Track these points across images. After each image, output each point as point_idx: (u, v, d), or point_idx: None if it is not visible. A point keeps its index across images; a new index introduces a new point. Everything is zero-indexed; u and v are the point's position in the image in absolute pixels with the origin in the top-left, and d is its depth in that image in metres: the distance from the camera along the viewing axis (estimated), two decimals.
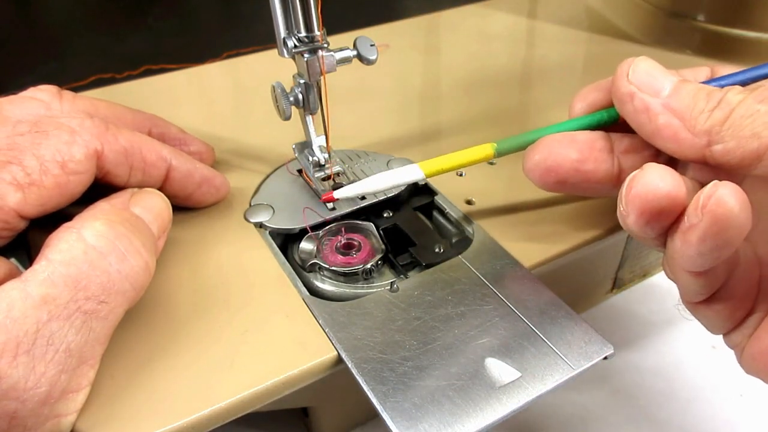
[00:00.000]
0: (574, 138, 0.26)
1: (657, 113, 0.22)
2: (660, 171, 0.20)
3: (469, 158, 0.27)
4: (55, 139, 0.24)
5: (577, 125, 0.27)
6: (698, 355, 0.34)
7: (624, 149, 0.26)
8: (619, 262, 0.36)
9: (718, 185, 0.19)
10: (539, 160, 0.26)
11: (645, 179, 0.20)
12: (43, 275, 0.19)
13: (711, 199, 0.18)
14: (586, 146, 0.26)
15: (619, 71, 0.24)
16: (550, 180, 0.26)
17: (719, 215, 0.18)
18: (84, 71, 0.53)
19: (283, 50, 0.27)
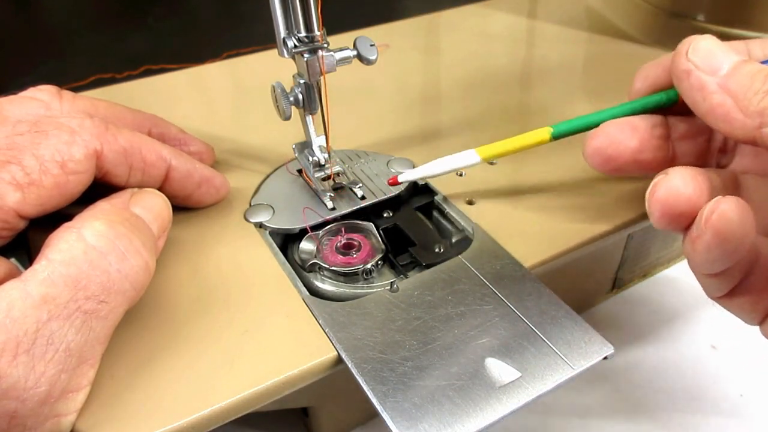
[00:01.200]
0: (635, 125, 0.26)
1: (712, 92, 0.22)
2: (684, 176, 0.21)
3: (526, 142, 0.28)
4: (55, 139, 0.24)
5: (636, 108, 0.27)
6: (698, 355, 0.34)
7: (680, 135, 0.26)
8: (619, 262, 0.36)
9: (720, 201, 0.20)
10: (600, 147, 0.26)
11: (669, 183, 0.21)
12: (43, 275, 0.19)
13: (713, 215, 0.20)
14: (646, 134, 0.26)
15: (680, 48, 0.24)
16: (608, 168, 0.26)
17: (721, 229, 0.20)
18: (84, 71, 0.53)
19: (283, 50, 0.27)
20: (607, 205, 0.30)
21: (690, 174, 0.22)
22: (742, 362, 0.33)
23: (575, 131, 0.27)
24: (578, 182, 0.32)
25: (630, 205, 0.30)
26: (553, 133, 0.27)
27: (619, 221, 0.29)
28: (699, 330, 0.35)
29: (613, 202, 0.30)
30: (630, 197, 0.30)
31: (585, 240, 0.28)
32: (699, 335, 0.35)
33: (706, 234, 0.21)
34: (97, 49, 0.66)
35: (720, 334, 0.35)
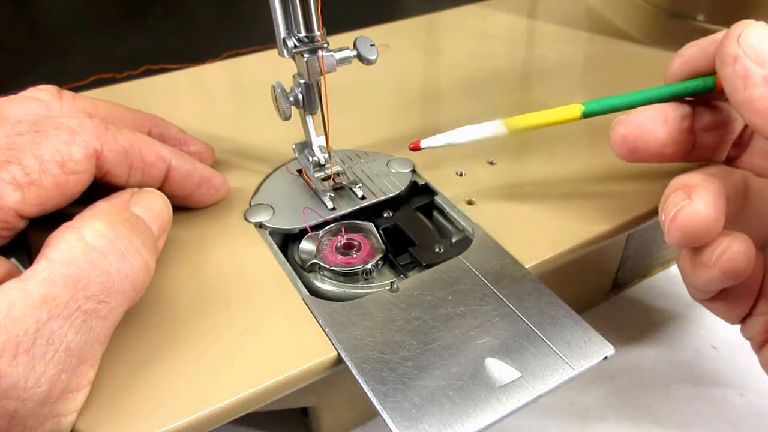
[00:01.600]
0: (666, 117, 0.25)
1: (755, 83, 0.22)
2: (707, 202, 0.22)
3: (555, 118, 0.27)
4: (55, 138, 0.24)
5: (672, 92, 0.26)
6: (698, 355, 0.34)
7: (704, 126, 0.26)
8: (619, 262, 0.36)
9: (733, 241, 0.21)
10: (629, 137, 0.25)
11: (692, 210, 0.22)
12: (43, 275, 0.19)
13: (724, 255, 0.21)
14: (676, 126, 0.25)
15: (732, 30, 0.23)
16: (633, 157, 0.26)
17: (728, 269, 0.21)
18: (84, 71, 0.53)
19: (283, 50, 0.27)
20: (607, 205, 0.30)
21: (712, 200, 0.22)
22: (742, 362, 0.33)
23: (607, 111, 0.27)
24: (578, 182, 0.32)
25: (630, 205, 0.30)
26: (584, 111, 0.26)
27: (619, 221, 0.29)
28: (699, 330, 0.35)
29: (613, 202, 0.30)
30: (630, 197, 0.30)
31: (585, 240, 0.28)
32: (699, 335, 0.35)
33: (713, 269, 0.22)
34: (97, 49, 0.66)
35: (720, 334, 0.35)
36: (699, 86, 0.26)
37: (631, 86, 0.41)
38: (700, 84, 0.26)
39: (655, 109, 0.26)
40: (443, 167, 0.33)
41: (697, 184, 0.23)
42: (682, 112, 0.25)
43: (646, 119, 0.25)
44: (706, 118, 0.26)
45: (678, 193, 0.23)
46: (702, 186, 0.23)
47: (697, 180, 0.23)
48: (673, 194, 0.23)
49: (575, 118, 0.27)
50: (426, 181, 0.32)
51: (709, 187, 0.23)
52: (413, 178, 0.32)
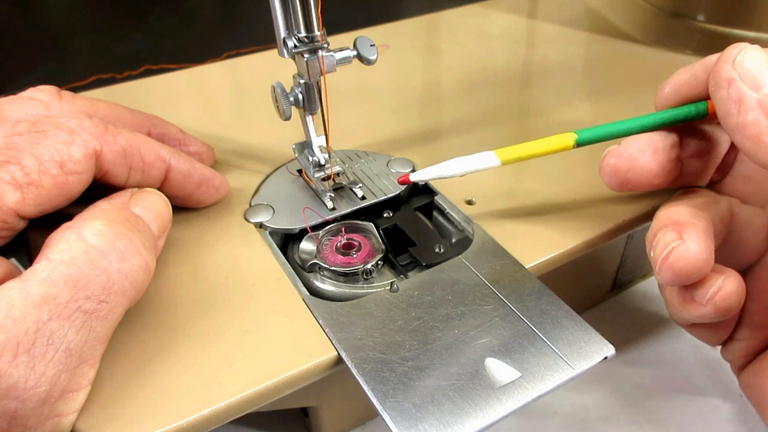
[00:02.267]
0: (656, 148, 0.25)
1: (749, 108, 0.21)
2: (698, 242, 0.22)
3: (548, 148, 0.27)
4: (54, 138, 0.24)
5: (663, 120, 0.26)
6: (698, 355, 0.34)
7: (691, 153, 0.26)
8: (619, 262, 0.36)
9: (726, 281, 0.22)
10: (620, 169, 0.25)
11: (684, 251, 0.22)
12: (44, 275, 0.19)
13: (717, 295, 0.22)
14: (665, 157, 0.25)
15: (727, 53, 0.23)
16: (622, 188, 0.26)
17: (720, 307, 0.22)
18: (84, 71, 0.53)
19: (283, 50, 0.27)
20: (607, 206, 0.30)
21: (703, 238, 0.22)
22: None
23: (600, 140, 0.27)
24: (578, 182, 0.32)
25: (630, 206, 0.30)
26: (577, 140, 0.27)
27: (619, 221, 0.29)
28: None
29: (613, 202, 0.30)
30: (630, 197, 0.30)
31: (585, 240, 0.28)
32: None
33: (705, 307, 0.22)
34: (97, 49, 0.66)
35: None
36: (691, 113, 0.26)
37: (631, 86, 0.41)
38: (693, 110, 0.26)
39: (645, 140, 0.25)
40: None
41: (687, 222, 0.23)
42: (671, 142, 0.25)
43: (636, 151, 0.25)
44: (692, 145, 0.26)
45: (667, 231, 0.23)
46: (692, 224, 0.23)
47: (686, 216, 0.23)
48: (662, 231, 0.23)
49: (568, 148, 0.27)
50: (426, 181, 0.32)
51: (698, 224, 0.23)
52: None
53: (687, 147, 0.26)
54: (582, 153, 0.34)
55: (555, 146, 0.27)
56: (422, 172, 0.28)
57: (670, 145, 0.25)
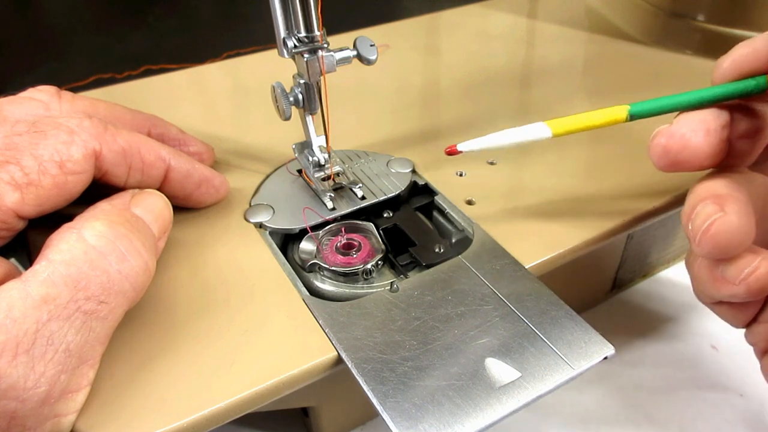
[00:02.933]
0: (708, 127, 0.24)
1: None
2: (740, 214, 0.21)
3: (600, 120, 0.26)
4: (54, 139, 0.24)
5: (721, 94, 0.24)
6: (698, 355, 0.34)
7: (740, 133, 0.25)
8: (619, 262, 0.36)
9: (762, 262, 0.21)
10: (670, 149, 0.24)
11: (726, 223, 0.21)
12: (44, 275, 0.19)
13: (752, 276, 0.21)
14: (717, 138, 0.24)
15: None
16: (672, 169, 0.25)
17: (754, 288, 0.22)
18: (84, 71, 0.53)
19: (283, 50, 0.27)
20: (607, 205, 0.30)
21: (744, 211, 0.21)
22: (742, 362, 0.33)
23: (654, 113, 0.26)
24: (578, 182, 0.32)
25: (630, 205, 0.30)
26: (630, 111, 0.25)
27: (619, 221, 0.29)
28: (699, 330, 0.35)
29: (613, 202, 0.30)
30: (630, 197, 0.30)
31: (585, 240, 0.28)
32: (699, 335, 0.35)
33: (738, 287, 0.22)
34: (97, 49, 0.66)
35: (720, 334, 0.35)
36: (749, 87, 0.24)
37: (631, 86, 0.41)
38: (752, 84, 0.24)
39: (697, 119, 0.24)
40: (443, 167, 0.33)
41: (728, 195, 0.22)
42: (723, 121, 0.24)
43: (689, 131, 0.24)
44: (743, 124, 0.25)
45: (707, 203, 0.22)
46: (732, 197, 0.22)
47: (726, 190, 0.23)
48: (702, 204, 0.22)
49: (621, 120, 0.26)
50: (426, 181, 0.32)
51: (739, 197, 0.22)
52: (413, 178, 0.32)
53: (738, 126, 0.25)
54: (582, 153, 0.34)
55: (607, 119, 0.26)
56: (471, 142, 0.27)
57: (722, 124, 0.24)
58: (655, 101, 0.25)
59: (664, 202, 0.30)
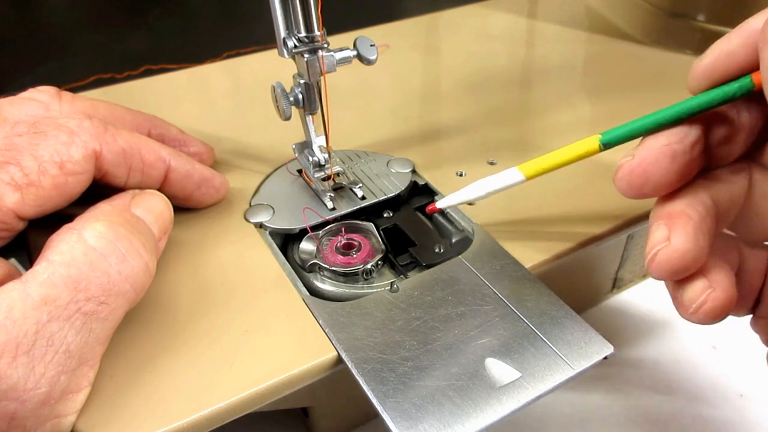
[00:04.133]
0: (674, 153, 0.22)
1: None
2: (685, 240, 0.21)
3: (573, 155, 0.25)
4: (54, 139, 0.24)
5: (698, 106, 0.22)
6: (698, 355, 0.34)
7: (719, 140, 0.22)
8: (619, 262, 0.36)
9: (712, 293, 0.21)
10: (633, 184, 0.22)
11: (671, 251, 0.21)
12: (44, 276, 0.19)
13: (702, 307, 0.21)
14: (686, 160, 0.22)
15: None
16: (642, 197, 0.23)
17: (710, 313, 0.21)
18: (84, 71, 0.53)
19: (283, 50, 0.27)
20: (607, 206, 0.30)
21: (692, 236, 0.21)
22: (742, 362, 0.33)
23: (627, 139, 0.24)
24: (578, 182, 0.32)
25: (630, 206, 0.30)
26: (602, 141, 0.24)
27: (619, 221, 0.29)
28: (699, 330, 0.35)
29: (613, 202, 0.30)
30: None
31: (585, 240, 0.28)
32: (699, 335, 0.35)
33: (694, 315, 0.22)
34: (97, 49, 0.66)
35: (720, 334, 0.35)
36: (733, 91, 0.21)
37: (631, 86, 0.41)
38: (735, 88, 0.21)
39: (659, 145, 0.22)
40: (443, 167, 0.33)
41: (681, 213, 0.21)
42: (693, 138, 0.22)
43: (650, 163, 0.22)
44: (720, 132, 0.22)
45: (659, 226, 0.21)
46: (686, 215, 0.21)
47: (681, 206, 0.21)
48: (655, 225, 0.22)
49: (594, 152, 0.24)
50: (426, 181, 0.32)
51: (693, 215, 0.21)
52: (413, 178, 0.32)
53: (715, 135, 0.22)
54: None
55: (579, 152, 0.24)
56: (449, 198, 0.28)
57: (691, 143, 0.22)
58: (629, 125, 0.23)
59: None
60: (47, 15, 0.78)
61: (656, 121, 0.23)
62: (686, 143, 0.22)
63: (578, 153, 0.24)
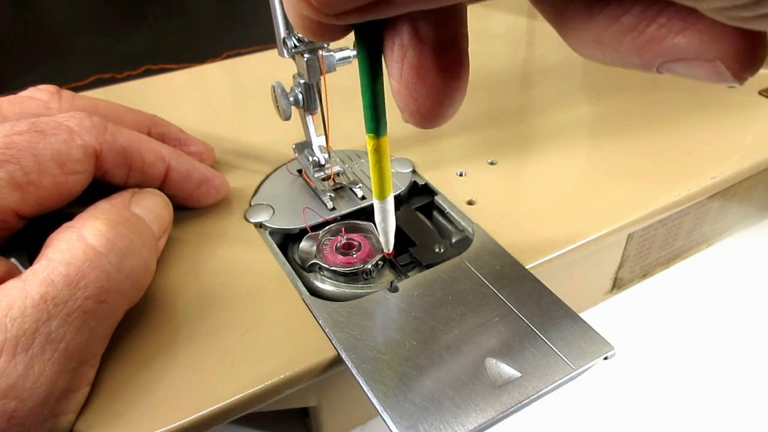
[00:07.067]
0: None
1: None
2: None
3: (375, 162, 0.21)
4: (54, 138, 0.24)
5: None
6: (698, 355, 0.34)
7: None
8: (619, 262, 0.36)
9: None
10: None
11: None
12: (43, 274, 0.19)
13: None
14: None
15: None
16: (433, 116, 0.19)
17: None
18: (84, 71, 0.53)
19: (283, 50, 0.27)
20: (607, 205, 0.30)
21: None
22: (741, 362, 0.33)
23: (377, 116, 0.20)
24: (578, 182, 0.32)
25: (630, 205, 0.30)
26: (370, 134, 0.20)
27: (619, 221, 0.29)
28: (699, 330, 0.35)
29: (613, 202, 0.30)
30: (630, 197, 0.30)
31: (585, 240, 0.28)
32: (699, 335, 0.35)
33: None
34: (97, 49, 0.66)
35: (720, 334, 0.35)
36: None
37: (631, 86, 0.41)
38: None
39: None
40: (443, 167, 0.33)
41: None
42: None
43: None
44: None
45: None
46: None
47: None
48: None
49: (376, 146, 0.21)
50: (426, 181, 0.32)
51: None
52: (413, 178, 0.32)
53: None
54: (582, 153, 0.34)
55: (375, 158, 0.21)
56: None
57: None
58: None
59: (665, 203, 0.30)
60: (47, 15, 0.78)
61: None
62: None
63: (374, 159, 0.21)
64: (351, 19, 0.14)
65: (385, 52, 0.17)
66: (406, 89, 0.17)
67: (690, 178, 0.32)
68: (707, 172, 0.32)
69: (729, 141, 0.35)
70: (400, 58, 0.17)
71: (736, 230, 0.41)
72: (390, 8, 0.13)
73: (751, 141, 0.35)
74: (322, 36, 0.15)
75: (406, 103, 0.17)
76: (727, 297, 0.37)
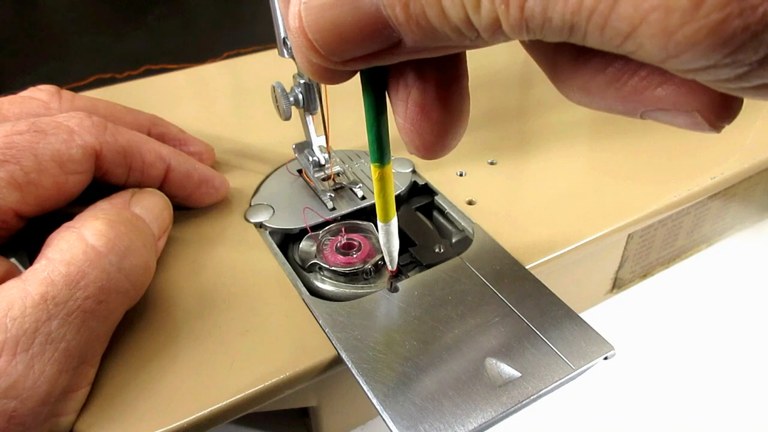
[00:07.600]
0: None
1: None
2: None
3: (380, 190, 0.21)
4: (54, 138, 0.24)
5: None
6: (698, 355, 0.34)
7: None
8: (619, 262, 0.36)
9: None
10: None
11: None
12: (43, 274, 0.19)
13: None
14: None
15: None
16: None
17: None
18: (84, 71, 0.53)
19: (283, 50, 0.27)
20: (607, 205, 0.30)
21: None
22: (741, 362, 0.33)
23: (381, 147, 0.21)
24: (578, 182, 0.32)
25: (630, 205, 0.30)
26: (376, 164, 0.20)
27: (619, 221, 0.29)
28: (699, 330, 0.35)
29: (613, 202, 0.30)
30: (630, 197, 0.30)
31: (585, 240, 0.28)
32: (699, 335, 0.35)
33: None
34: (97, 49, 0.66)
35: (720, 334, 0.35)
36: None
37: None
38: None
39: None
40: (443, 167, 0.33)
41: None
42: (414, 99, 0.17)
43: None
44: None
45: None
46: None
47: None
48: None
49: (382, 175, 0.21)
50: (426, 181, 0.32)
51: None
52: (413, 178, 0.32)
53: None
54: (583, 153, 0.34)
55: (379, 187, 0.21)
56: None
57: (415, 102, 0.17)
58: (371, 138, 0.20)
59: (665, 203, 0.30)
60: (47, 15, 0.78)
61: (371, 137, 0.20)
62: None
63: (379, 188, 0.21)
64: (357, 66, 0.15)
65: (390, 92, 0.18)
66: (411, 126, 0.18)
67: (690, 178, 0.32)
68: (707, 172, 0.32)
69: (729, 141, 0.35)
70: (404, 97, 0.17)
71: (736, 230, 0.41)
72: (394, 57, 0.14)
73: (751, 141, 0.35)
74: (330, 79, 0.16)
75: (411, 138, 0.18)
76: (727, 297, 0.37)
